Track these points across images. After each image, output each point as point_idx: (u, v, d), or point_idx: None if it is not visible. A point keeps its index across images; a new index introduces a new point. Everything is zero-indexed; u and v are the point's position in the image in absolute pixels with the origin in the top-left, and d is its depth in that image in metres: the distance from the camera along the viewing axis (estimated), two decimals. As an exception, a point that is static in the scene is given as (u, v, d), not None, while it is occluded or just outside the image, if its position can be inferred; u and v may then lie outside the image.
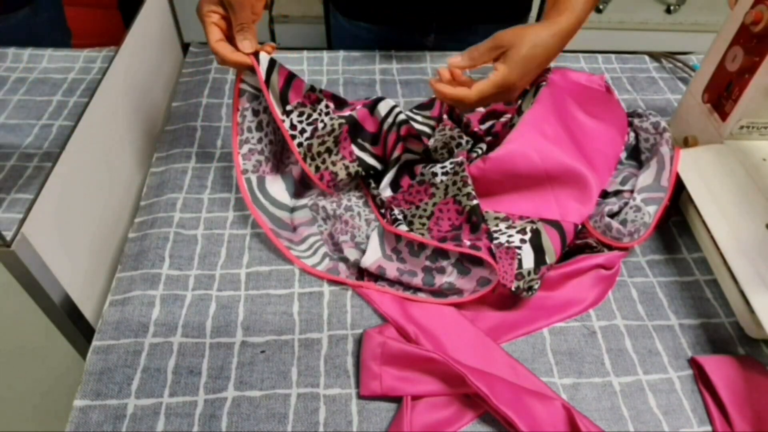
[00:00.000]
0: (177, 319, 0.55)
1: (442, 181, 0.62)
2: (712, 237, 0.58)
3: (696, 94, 0.69)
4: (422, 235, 0.59)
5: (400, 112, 0.64)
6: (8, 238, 0.45)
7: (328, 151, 0.64)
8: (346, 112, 0.64)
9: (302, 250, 0.62)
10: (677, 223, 0.67)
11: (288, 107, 0.61)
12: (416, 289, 0.58)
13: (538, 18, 1.06)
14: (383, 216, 0.63)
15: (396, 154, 0.65)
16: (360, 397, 0.51)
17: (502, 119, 0.70)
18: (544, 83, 0.65)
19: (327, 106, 0.63)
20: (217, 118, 0.77)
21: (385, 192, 0.66)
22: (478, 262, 0.56)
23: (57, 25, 0.59)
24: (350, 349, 0.54)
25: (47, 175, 0.51)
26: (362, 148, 0.65)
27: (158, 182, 0.68)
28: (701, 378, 0.53)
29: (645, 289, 0.60)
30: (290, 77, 0.60)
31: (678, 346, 0.56)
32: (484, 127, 0.71)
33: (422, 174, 0.64)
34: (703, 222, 0.60)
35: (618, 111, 0.70)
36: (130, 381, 0.51)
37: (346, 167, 0.64)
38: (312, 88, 0.62)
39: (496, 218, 0.61)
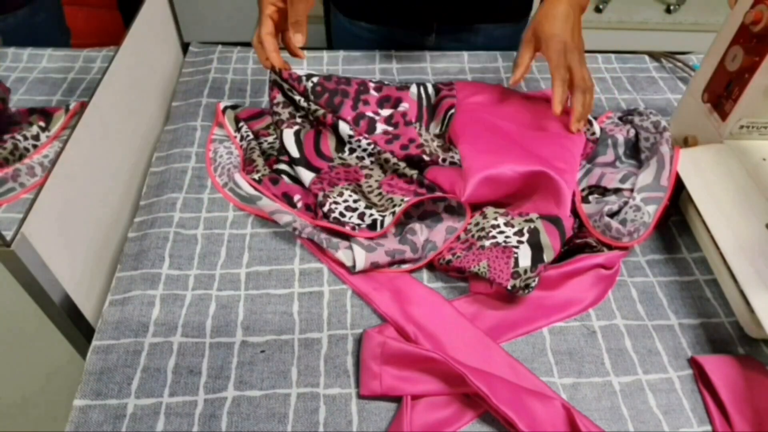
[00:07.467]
0: (177, 319, 0.56)
1: (372, 162, 0.67)
2: (712, 237, 0.58)
3: (696, 94, 0.69)
4: (401, 202, 0.61)
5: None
6: (8, 238, 0.45)
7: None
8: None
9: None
10: (677, 222, 0.67)
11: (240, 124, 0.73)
12: (401, 262, 0.60)
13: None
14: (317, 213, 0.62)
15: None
16: (360, 396, 0.51)
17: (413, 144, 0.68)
18: (452, 110, 0.69)
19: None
20: (217, 117, 0.77)
21: (305, 176, 0.65)
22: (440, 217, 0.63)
23: (56, 25, 0.59)
24: (350, 348, 0.54)
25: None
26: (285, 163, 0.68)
27: (158, 182, 0.68)
28: (701, 378, 0.53)
29: (645, 288, 0.60)
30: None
31: (678, 345, 0.56)
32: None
33: (342, 157, 0.68)
34: (703, 222, 0.60)
35: (533, 96, 0.74)
36: (130, 381, 0.51)
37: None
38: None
39: (495, 212, 0.61)
